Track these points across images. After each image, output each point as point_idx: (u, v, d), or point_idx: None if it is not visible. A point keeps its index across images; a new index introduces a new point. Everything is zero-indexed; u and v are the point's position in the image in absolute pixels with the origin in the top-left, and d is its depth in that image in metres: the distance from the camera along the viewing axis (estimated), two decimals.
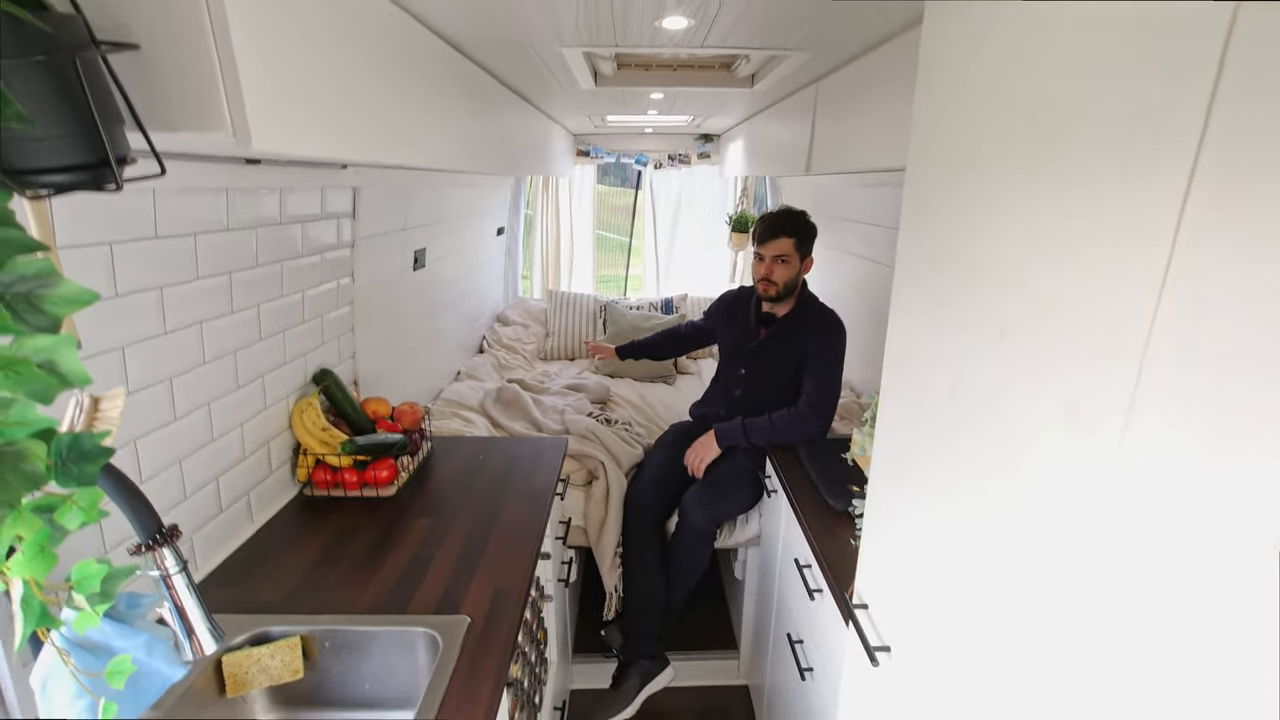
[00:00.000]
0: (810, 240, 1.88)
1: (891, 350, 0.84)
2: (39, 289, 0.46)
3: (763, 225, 1.88)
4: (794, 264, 1.85)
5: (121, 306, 0.93)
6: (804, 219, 1.88)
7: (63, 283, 0.47)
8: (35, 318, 0.46)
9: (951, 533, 0.68)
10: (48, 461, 0.49)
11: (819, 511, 1.44)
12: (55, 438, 0.49)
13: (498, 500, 1.46)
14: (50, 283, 0.46)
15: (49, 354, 0.47)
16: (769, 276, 1.85)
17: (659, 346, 2.36)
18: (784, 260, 1.84)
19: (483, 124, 1.65)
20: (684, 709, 2.04)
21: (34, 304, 0.46)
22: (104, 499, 0.63)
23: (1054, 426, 0.48)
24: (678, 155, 3.63)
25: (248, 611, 1.07)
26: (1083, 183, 0.47)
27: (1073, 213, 0.48)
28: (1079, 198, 0.47)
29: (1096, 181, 0.45)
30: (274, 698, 1.07)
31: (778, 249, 1.83)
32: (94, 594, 0.60)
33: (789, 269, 1.85)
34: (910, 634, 0.79)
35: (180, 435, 1.09)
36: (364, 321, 1.75)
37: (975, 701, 0.64)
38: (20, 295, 0.45)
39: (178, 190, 1.00)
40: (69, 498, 0.53)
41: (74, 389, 0.50)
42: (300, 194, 1.37)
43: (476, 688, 0.93)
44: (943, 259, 0.70)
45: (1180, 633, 0.38)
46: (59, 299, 0.47)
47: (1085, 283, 0.45)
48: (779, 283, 1.85)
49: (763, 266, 1.87)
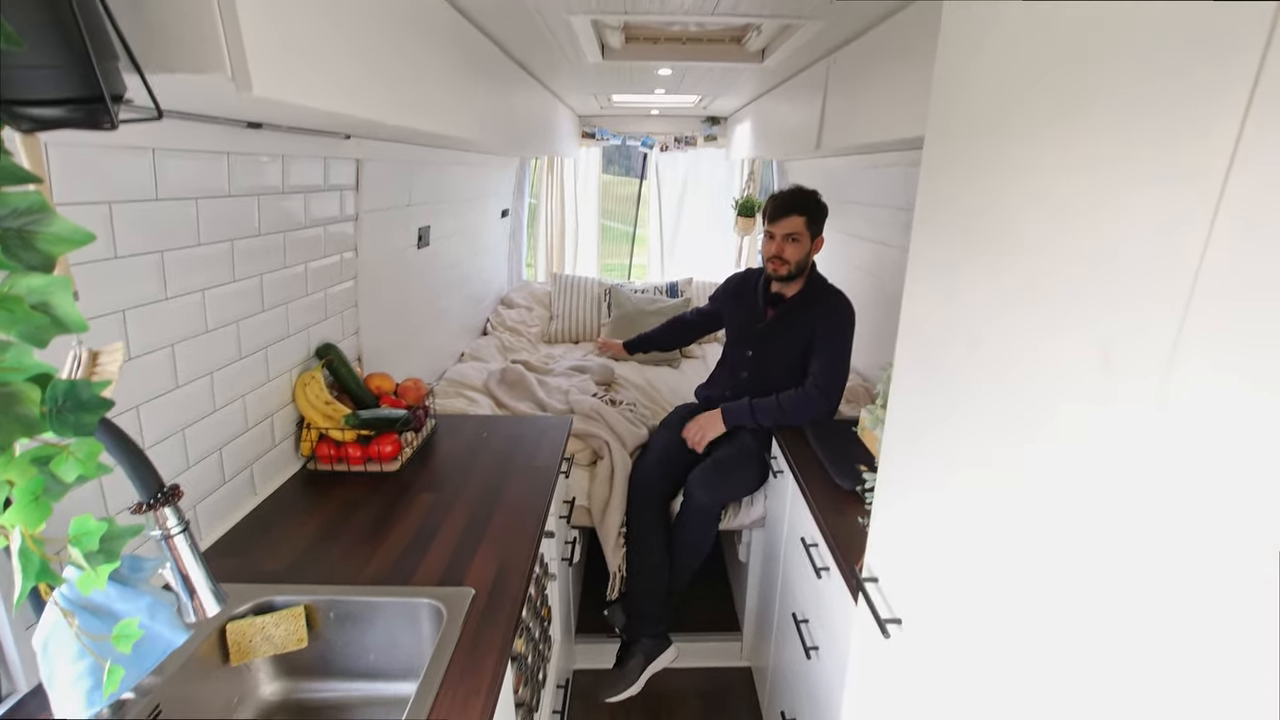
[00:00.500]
0: (821, 219, 1.86)
1: (906, 319, 0.82)
2: (31, 224, 0.44)
3: (774, 203, 1.85)
4: (805, 243, 1.83)
5: (121, 268, 0.91)
6: (815, 198, 1.85)
7: (56, 219, 0.45)
8: (28, 255, 0.44)
9: (966, 499, 0.66)
10: (42, 408, 0.48)
11: (827, 491, 1.43)
12: (51, 383, 0.48)
13: (502, 477, 1.45)
14: (43, 219, 0.45)
15: (43, 295, 0.46)
16: (780, 255, 1.83)
17: (666, 337, 2.34)
18: (795, 239, 1.82)
19: (488, 96, 1.62)
20: (686, 690, 2.04)
21: (27, 240, 0.44)
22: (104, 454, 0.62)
23: (1087, 376, 0.46)
24: (684, 138, 3.59)
25: (251, 581, 1.06)
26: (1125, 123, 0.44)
27: (1111, 157, 0.46)
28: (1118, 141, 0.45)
29: (1138, 120, 0.43)
30: (278, 667, 1.06)
31: (789, 227, 1.81)
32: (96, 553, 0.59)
33: (800, 248, 1.83)
34: (922, 606, 0.78)
35: (182, 404, 1.08)
36: (367, 297, 1.73)
37: (991, 673, 0.62)
38: (12, 230, 0.43)
39: (178, 152, 0.98)
40: (66, 448, 0.51)
41: (70, 335, 0.49)
42: (302, 163, 1.35)
43: (480, 659, 0.93)
44: (965, 219, 0.68)
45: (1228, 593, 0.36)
46: (53, 236, 0.45)
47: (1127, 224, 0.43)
48: (790, 261, 1.83)
49: (773, 245, 1.84)
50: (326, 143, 1.38)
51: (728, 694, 2.03)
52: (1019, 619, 0.57)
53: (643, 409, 2.25)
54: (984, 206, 0.64)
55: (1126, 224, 0.43)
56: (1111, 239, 0.44)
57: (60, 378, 0.52)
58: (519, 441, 1.64)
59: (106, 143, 0.83)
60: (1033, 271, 0.54)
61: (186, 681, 0.92)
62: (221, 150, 1.08)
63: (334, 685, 1.08)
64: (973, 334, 0.63)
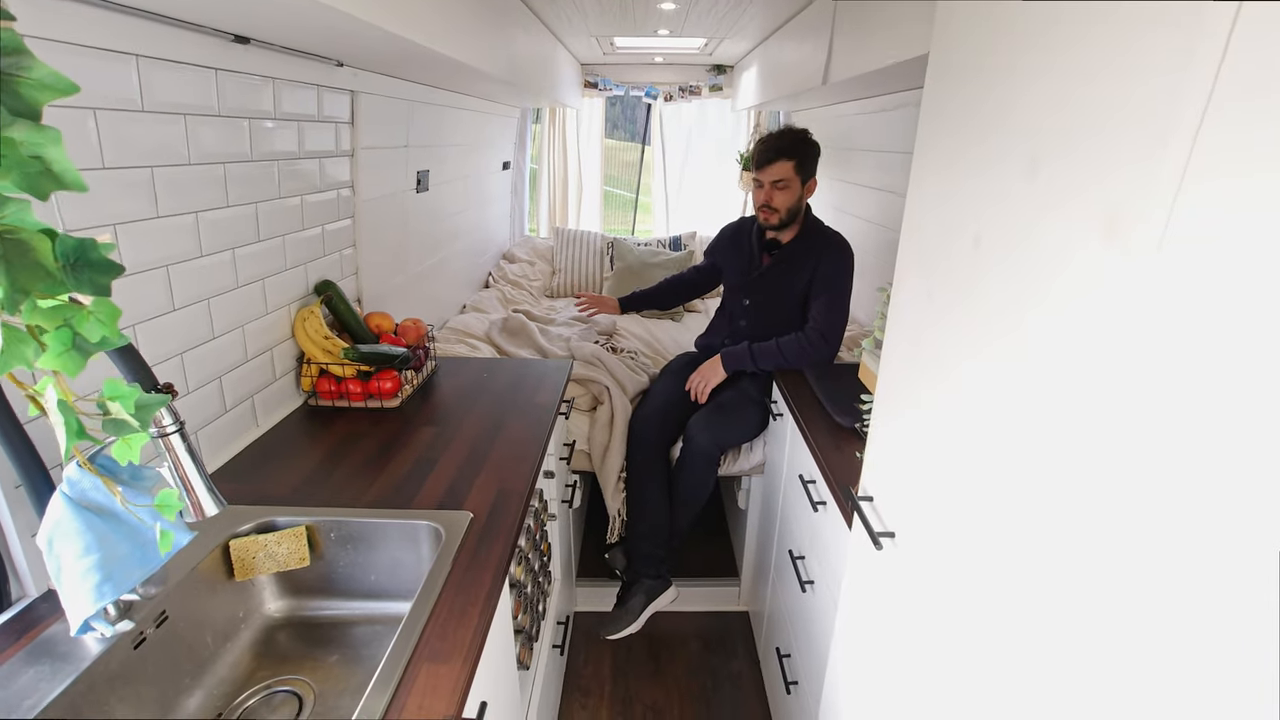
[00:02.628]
0: (812, 161, 1.78)
1: (907, 224, 0.81)
2: (13, 67, 0.43)
3: (760, 148, 1.77)
4: (795, 188, 1.76)
5: (111, 179, 0.90)
6: (804, 138, 1.76)
7: (38, 65, 0.44)
8: (12, 100, 0.43)
9: (962, 402, 0.66)
10: (57, 263, 0.47)
11: (826, 429, 1.43)
12: (59, 238, 0.47)
13: (502, 415, 1.45)
14: (24, 62, 0.43)
15: (37, 147, 0.45)
16: (769, 203, 1.77)
17: (664, 295, 2.25)
18: (784, 185, 1.75)
19: (487, 25, 1.57)
20: (685, 632, 2.09)
21: (8, 84, 0.43)
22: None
23: (1090, 245, 0.45)
24: (688, 87, 3.50)
25: (254, 504, 1.08)
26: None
27: (1117, 17, 0.44)
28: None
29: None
30: (283, 586, 1.09)
31: (777, 173, 1.74)
32: (128, 424, 0.60)
33: (790, 194, 1.76)
34: (915, 518, 0.78)
35: (179, 327, 1.08)
36: (366, 238, 1.71)
37: (979, 580, 0.62)
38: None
39: (162, 62, 0.95)
40: (86, 308, 0.51)
41: (68, 191, 0.48)
42: (295, 91, 1.31)
43: (479, 573, 0.94)
44: (966, 111, 0.66)
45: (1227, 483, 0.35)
46: (36, 83, 0.44)
47: (1128, 82, 0.41)
48: (780, 209, 1.77)
49: (762, 193, 1.78)
50: (319, 69, 1.34)
51: (725, 636, 2.08)
52: (1009, 523, 0.57)
53: (644, 359, 2.24)
54: (983, 93, 0.62)
55: (1131, 80, 0.41)
56: (1119, 96, 0.42)
57: None
58: (520, 383, 1.64)
59: (83, 41, 0.81)
60: (1033, 151, 0.52)
61: (193, 592, 0.94)
62: (209, 65, 1.05)
63: (338, 604, 1.10)
64: (973, 225, 0.61)
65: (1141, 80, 0.40)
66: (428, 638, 0.82)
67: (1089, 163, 0.46)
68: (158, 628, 0.87)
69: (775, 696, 1.71)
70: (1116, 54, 0.43)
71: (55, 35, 0.78)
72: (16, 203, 0.45)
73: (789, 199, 1.77)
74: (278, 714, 0.93)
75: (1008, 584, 0.57)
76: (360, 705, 0.72)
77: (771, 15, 2.09)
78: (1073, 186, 0.48)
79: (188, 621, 0.93)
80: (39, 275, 0.46)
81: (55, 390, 0.54)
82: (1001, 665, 0.58)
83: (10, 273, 0.45)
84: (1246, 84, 0.33)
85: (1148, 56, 0.40)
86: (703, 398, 1.88)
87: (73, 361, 0.50)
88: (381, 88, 1.64)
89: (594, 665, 1.96)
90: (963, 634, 0.65)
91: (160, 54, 0.94)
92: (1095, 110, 0.45)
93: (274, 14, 0.90)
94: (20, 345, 0.49)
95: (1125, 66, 0.42)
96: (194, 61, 1.01)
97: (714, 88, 3.49)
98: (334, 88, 1.45)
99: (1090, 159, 0.46)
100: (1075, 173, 0.48)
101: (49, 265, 0.47)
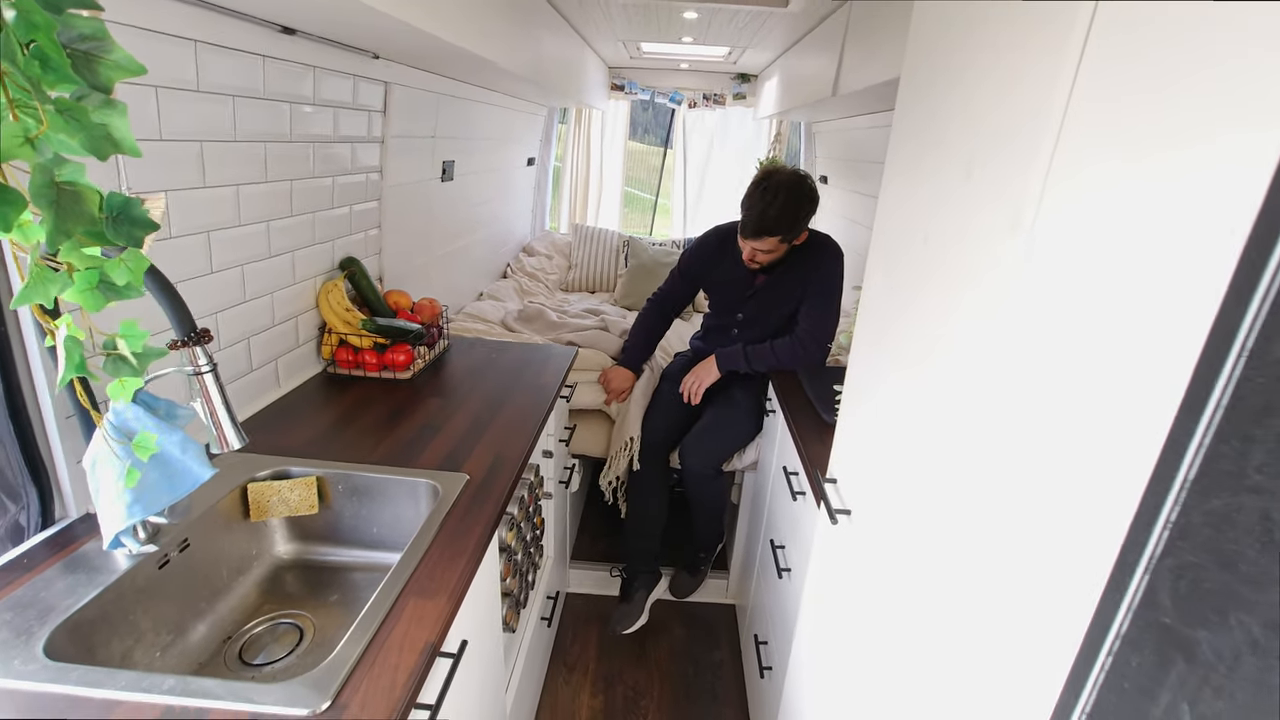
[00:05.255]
0: (802, 224, 1.74)
1: (877, 223, 0.87)
2: (96, 49, 0.52)
3: (747, 217, 1.71)
4: (781, 250, 1.77)
5: (166, 150, 1.00)
6: (791, 211, 1.67)
7: (116, 48, 0.53)
8: (91, 76, 0.52)
9: (910, 391, 0.72)
10: (101, 214, 0.56)
11: (813, 425, 1.49)
12: (109, 194, 0.56)
13: (506, 391, 1.54)
14: (106, 46, 0.52)
15: (105, 117, 0.54)
16: (754, 259, 1.78)
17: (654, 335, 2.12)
18: (769, 252, 1.75)
19: (515, 26, 1.67)
20: (672, 620, 2.15)
21: (91, 62, 0.52)
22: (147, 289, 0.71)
23: (1004, 238, 0.51)
24: (712, 95, 3.57)
25: (270, 454, 1.17)
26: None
27: (1009, 48, 0.51)
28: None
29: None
30: (293, 531, 1.18)
31: (764, 246, 1.73)
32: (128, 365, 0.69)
33: (775, 255, 1.77)
34: (869, 498, 0.84)
35: (216, 288, 1.18)
36: (391, 221, 1.82)
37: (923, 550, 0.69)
38: (80, 52, 0.51)
39: (217, 48, 1.06)
40: (119, 257, 0.60)
41: (123, 155, 0.57)
42: (332, 79, 1.42)
43: (470, 527, 1.02)
44: (924, 120, 0.73)
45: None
46: (112, 64, 0.53)
47: (1018, 103, 0.48)
48: (765, 263, 1.78)
49: (748, 249, 1.76)
50: (355, 60, 1.45)
51: (711, 627, 2.14)
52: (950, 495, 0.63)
53: (658, 358, 2.32)
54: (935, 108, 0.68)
55: (1019, 99, 0.48)
56: (1015, 114, 0.49)
57: None
58: (526, 363, 1.73)
59: (152, 26, 0.92)
60: (969, 159, 0.59)
61: (212, 527, 1.04)
62: (258, 53, 1.15)
63: (342, 551, 1.19)
64: (923, 225, 0.68)
65: (1023, 101, 0.47)
66: (418, 577, 0.90)
67: (1003, 168, 0.53)
68: (180, 553, 0.97)
69: (751, 682, 1.77)
70: (1012, 82, 0.50)
71: (132, 20, 0.88)
72: (74, 165, 0.54)
73: (774, 257, 1.78)
74: (281, 642, 1.02)
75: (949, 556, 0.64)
76: (353, 626, 0.81)
77: (790, 29, 2.16)
78: (994, 189, 0.55)
79: (206, 552, 1.02)
80: (83, 220, 0.55)
81: (68, 326, 0.62)
82: (940, 633, 0.65)
83: (59, 215, 0.53)
84: (1090, 109, 0.40)
85: (1027, 84, 0.47)
86: (696, 398, 1.93)
87: (94, 299, 0.59)
88: (413, 80, 1.75)
89: (581, 645, 2.03)
90: (907, 601, 0.71)
91: (216, 40, 1.05)
92: (1005, 125, 0.52)
93: (318, 9, 0.99)
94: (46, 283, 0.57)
95: (1016, 91, 0.49)
96: (245, 48, 1.12)
97: (738, 96, 3.57)
98: (369, 78, 1.56)
99: (1004, 165, 0.52)
100: (995, 177, 0.54)
101: (93, 214, 0.55)
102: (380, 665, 0.76)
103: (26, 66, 0.49)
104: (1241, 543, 0.23)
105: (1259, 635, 0.22)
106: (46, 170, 0.53)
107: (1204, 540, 0.25)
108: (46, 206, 0.53)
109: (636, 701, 1.85)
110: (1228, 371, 0.24)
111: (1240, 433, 0.23)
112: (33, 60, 0.49)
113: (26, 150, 0.52)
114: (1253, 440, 0.23)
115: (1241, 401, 0.23)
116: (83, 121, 0.51)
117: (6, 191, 0.52)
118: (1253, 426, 0.23)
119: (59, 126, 0.52)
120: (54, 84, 0.51)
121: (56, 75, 0.50)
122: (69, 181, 0.53)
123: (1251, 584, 0.22)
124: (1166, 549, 0.27)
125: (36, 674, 0.70)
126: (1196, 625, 0.25)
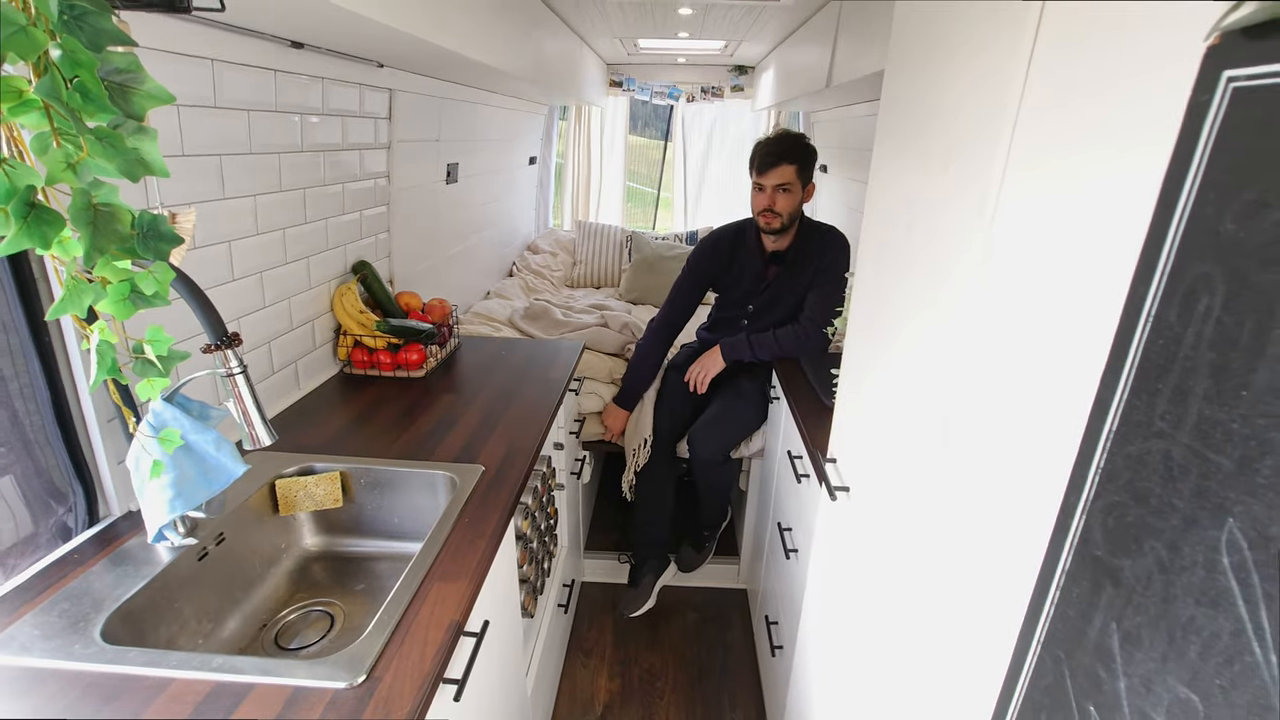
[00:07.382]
0: (812, 165, 1.79)
1: (866, 214, 0.91)
2: (130, 81, 0.57)
3: (762, 152, 1.75)
4: (796, 192, 1.77)
5: (189, 165, 1.06)
6: (804, 142, 1.77)
7: (148, 79, 0.58)
8: (126, 105, 0.57)
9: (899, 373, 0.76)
10: (132, 231, 0.62)
11: (815, 409, 1.53)
12: (140, 213, 0.62)
13: (516, 385, 1.59)
14: (139, 78, 0.57)
15: (137, 142, 0.59)
16: (771, 207, 1.76)
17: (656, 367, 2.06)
18: (786, 189, 1.75)
19: (513, 28, 1.71)
20: (685, 605, 2.21)
21: (126, 93, 0.57)
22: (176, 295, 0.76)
23: (975, 224, 0.55)
24: (710, 88, 3.59)
25: (294, 451, 1.23)
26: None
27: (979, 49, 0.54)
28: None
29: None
30: (319, 524, 1.24)
31: (780, 177, 1.73)
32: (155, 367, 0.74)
33: (792, 198, 1.77)
34: (866, 475, 0.89)
35: (238, 295, 1.24)
36: (399, 224, 1.87)
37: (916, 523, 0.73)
38: (115, 84, 0.56)
39: (233, 65, 1.11)
40: (148, 270, 0.65)
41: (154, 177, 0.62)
42: (340, 89, 1.47)
43: (487, 514, 1.07)
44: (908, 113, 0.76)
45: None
46: (145, 94, 0.58)
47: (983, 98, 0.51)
48: (783, 213, 1.77)
49: (764, 197, 1.77)
50: (361, 69, 1.50)
51: (722, 610, 2.19)
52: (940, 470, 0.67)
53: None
54: (918, 101, 0.72)
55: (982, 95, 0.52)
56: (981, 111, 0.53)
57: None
58: (535, 358, 1.78)
59: (175, 49, 0.97)
60: (946, 150, 0.63)
61: (245, 521, 1.10)
62: (269, 67, 1.20)
63: (365, 542, 1.25)
64: (907, 213, 0.72)
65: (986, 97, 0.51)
66: (440, 562, 0.96)
67: (975, 159, 0.56)
68: (216, 546, 1.03)
69: (764, 661, 1.82)
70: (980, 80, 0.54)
71: (155, 45, 0.93)
72: (109, 186, 0.59)
73: (791, 203, 1.77)
74: (314, 628, 1.08)
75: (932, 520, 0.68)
76: (382, 608, 0.86)
77: (784, 21, 2.18)
78: (966, 178, 0.58)
79: (240, 545, 1.08)
80: (116, 238, 0.60)
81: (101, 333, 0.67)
82: (924, 586, 0.69)
83: (95, 234, 0.58)
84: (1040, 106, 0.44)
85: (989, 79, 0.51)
86: (702, 388, 1.97)
87: (125, 308, 0.64)
88: (416, 86, 1.79)
89: (597, 631, 2.09)
90: (897, 561, 0.76)
91: (231, 58, 1.10)
92: (974, 119, 0.56)
93: (325, 24, 1.04)
94: (80, 295, 0.63)
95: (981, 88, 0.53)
96: (257, 64, 1.17)
97: (735, 88, 3.58)
98: (374, 86, 1.61)
99: (975, 157, 0.56)
100: (967, 167, 0.58)
101: (125, 232, 0.61)
102: (409, 643, 0.81)
103: (69, 99, 0.54)
104: (1151, 480, 0.27)
105: (1164, 556, 0.26)
106: (85, 194, 0.58)
107: (1125, 481, 0.29)
108: (84, 226, 0.58)
109: (652, 683, 1.91)
110: (1139, 336, 0.28)
111: (1148, 387, 0.27)
112: (75, 93, 0.54)
113: (69, 175, 0.57)
114: (1157, 393, 0.26)
115: (1148, 361, 0.27)
116: (118, 147, 0.56)
117: (47, 213, 0.58)
118: (1156, 381, 0.27)
119: (97, 152, 0.57)
120: (93, 114, 0.56)
121: (95, 106, 0.55)
122: (105, 203, 0.58)
123: (1157, 514, 0.26)
124: (1098, 492, 0.31)
125: (95, 656, 0.76)
126: (1121, 555, 0.29)
